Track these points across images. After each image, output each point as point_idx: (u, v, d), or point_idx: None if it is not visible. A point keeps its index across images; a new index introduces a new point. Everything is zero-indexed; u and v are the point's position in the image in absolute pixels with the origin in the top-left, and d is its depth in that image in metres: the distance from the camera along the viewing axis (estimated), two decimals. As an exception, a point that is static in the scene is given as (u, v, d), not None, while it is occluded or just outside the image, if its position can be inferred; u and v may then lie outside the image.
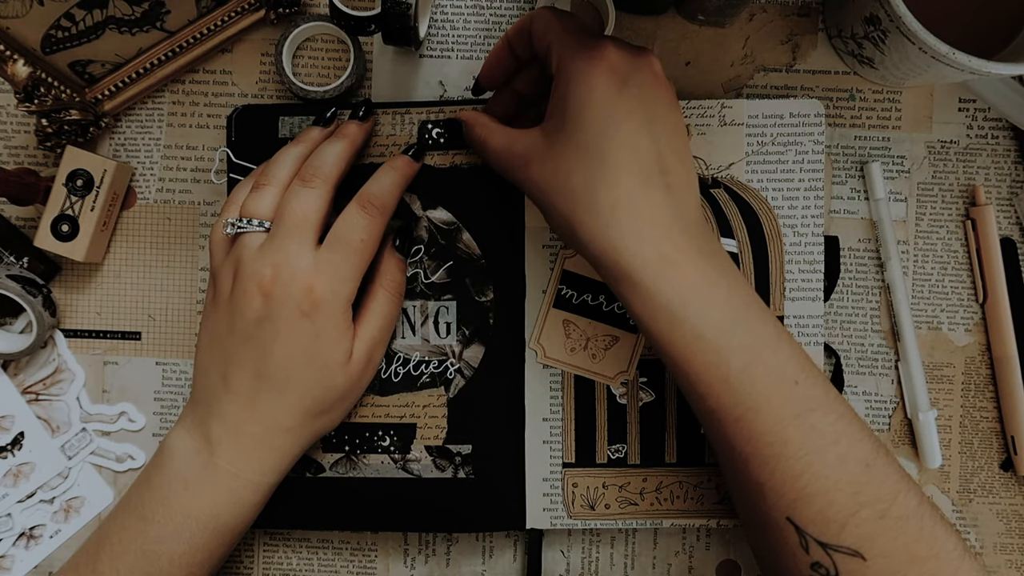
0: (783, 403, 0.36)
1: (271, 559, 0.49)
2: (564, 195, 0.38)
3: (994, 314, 0.48)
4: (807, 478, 0.35)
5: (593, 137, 0.38)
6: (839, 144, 0.49)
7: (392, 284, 0.45)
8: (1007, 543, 0.49)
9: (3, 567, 0.49)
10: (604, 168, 0.37)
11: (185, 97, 0.50)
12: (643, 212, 0.37)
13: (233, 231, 0.42)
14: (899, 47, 0.41)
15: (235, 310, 0.41)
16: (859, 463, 0.35)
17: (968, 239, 0.49)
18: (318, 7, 0.50)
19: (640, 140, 0.37)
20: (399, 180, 0.45)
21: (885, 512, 0.35)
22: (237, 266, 0.42)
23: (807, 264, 0.46)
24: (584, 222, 0.38)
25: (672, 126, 0.39)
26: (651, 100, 0.38)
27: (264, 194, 0.42)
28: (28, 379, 0.50)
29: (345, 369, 0.43)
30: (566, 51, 0.39)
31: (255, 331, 0.41)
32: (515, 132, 0.42)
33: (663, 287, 0.36)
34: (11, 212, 0.50)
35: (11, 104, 0.50)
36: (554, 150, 0.39)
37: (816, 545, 0.35)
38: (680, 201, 0.38)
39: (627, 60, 0.39)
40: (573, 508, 0.46)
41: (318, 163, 0.43)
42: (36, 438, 0.49)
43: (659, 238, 0.37)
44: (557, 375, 0.47)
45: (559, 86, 0.39)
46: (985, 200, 0.49)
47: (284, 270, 0.40)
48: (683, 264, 0.37)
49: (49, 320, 0.48)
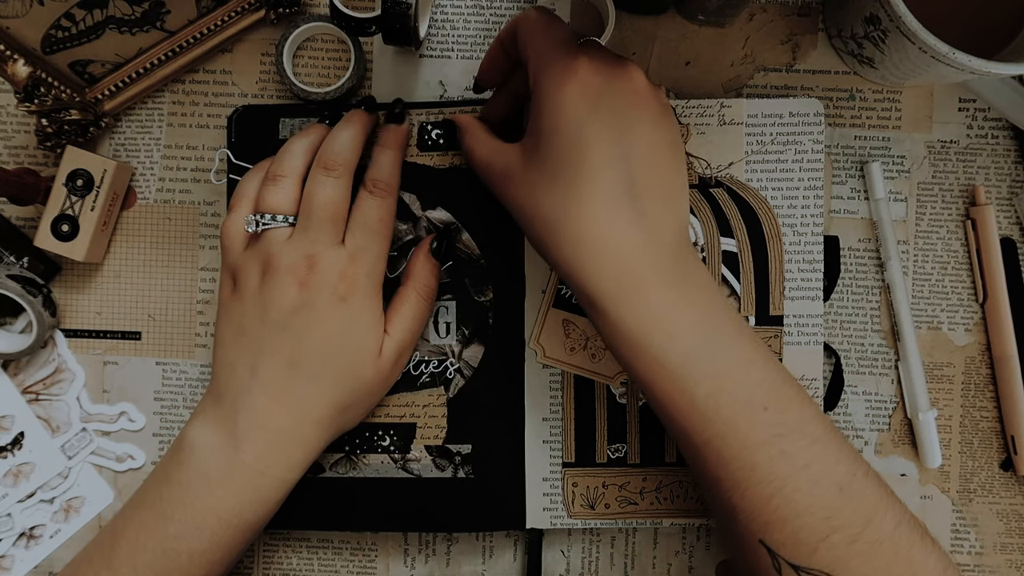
0: (750, 429, 0.35)
1: (271, 559, 0.49)
2: (537, 220, 0.38)
3: (994, 314, 0.48)
4: (778, 501, 0.35)
5: (563, 161, 0.37)
6: (839, 144, 0.49)
7: (424, 288, 0.45)
8: (1007, 543, 0.49)
9: (3, 567, 0.49)
10: (572, 196, 0.37)
11: (185, 97, 0.50)
12: (609, 240, 0.37)
13: (257, 228, 0.42)
14: (899, 47, 0.41)
15: (268, 301, 0.41)
16: (832, 487, 0.35)
17: (968, 239, 0.49)
18: (318, 7, 0.50)
19: (610, 164, 0.37)
20: (393, 157, 0.45)
21: (857, 536, 0.34)
22: (267, 260, 0.41)
23: (807, 264, 0.46)
24: (553, 248, 0.38)
25: (649, 145, 0.38)
26: (627, 119, 0.37)
27: (282, 186, 0.42)
28: (28, 379, 0.50)
29: (376, 362, 0.43)
30: (541, 64, 0.38)
31: (291, 319, 0.41)
32: (499, 145, 0.42)
33: (624, 315, 0.36)
34: (11, 212, 0.50)
35: (11, 104, 0.50)
36: (528, 171, 0.39)
37: (788, 567, 0.35)
38: (654, 224, 0.37)
39: (601, 76, 0.38)
40: (573, 508, 0.46)
41: (337, 149, 0.43)
42: (36, 438, 0.49)
43: (623, 266, 0.36)
44: (557, 375, 0.47)
45: (535, 102, 0.39)
46: (985, 200, 0.49)
47: (320, 260, 0.41)
48: (647, 291, 0.36)
49: (49, 320, 0.48)
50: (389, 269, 0.45)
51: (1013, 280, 0.48)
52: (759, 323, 0.46)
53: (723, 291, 0.46)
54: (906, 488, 0.49)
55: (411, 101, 0.48)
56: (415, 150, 0.47)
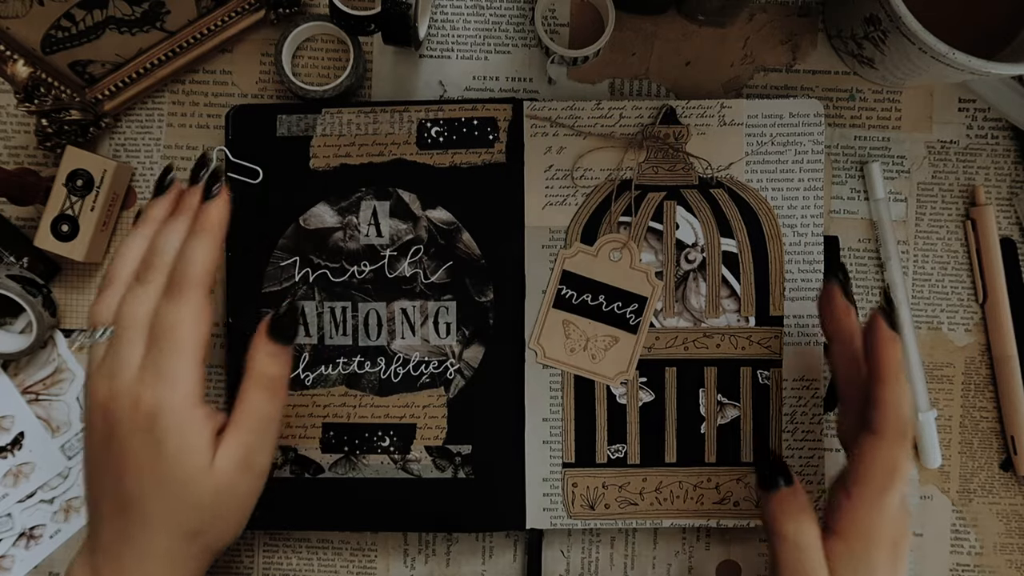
0: None
1: (271, 559, 0.49)
2: None
3: (994, 314, 0.48)
4: None
5: None
6: (839, 144, 0.49)
7: (262, 378, 0.39)
8: (1007, 543, 0.49)
9: (3, 567, 0.49)
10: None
11: (185, 97, 0.50)
12: None
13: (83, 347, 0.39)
14: (899, 47, 0.41)
15: (87, 432, 0.38)
16: None
17: (968, 239, 0.49)
18: (318, 7, 0.50)
19: None
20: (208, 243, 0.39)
21: None
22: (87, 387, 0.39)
23: (807, 264, 0.46)
24: None
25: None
26: None
27: (106, 297, 0.39)
28: (28, 379, 0.50)
29: (208, 479, 0.37)
30: None
31: (105, 455, 0.37)
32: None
33: None
34: (11, 212, 0.50)
35: (11, 104, 0.50)
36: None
37: None
38: None
39: None
40: (573, 508, 0.46)
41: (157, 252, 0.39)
42: (36, 438, 0.49)
43: None
44: (557, 375, 0.47)
45: None
46: (985, 200, 0.49)
47: (117, 383, 0.37)
48: None
49: (49, 320, 0.48)
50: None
51: (1013, 280, 0.48)
52: (759, 323, 0.46)
53: (723, 293, 0.46)
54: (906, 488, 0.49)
55: (410, 100, 0.48)
56: (415, 148, 0.47)
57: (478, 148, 0.47)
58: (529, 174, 0.47)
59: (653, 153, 0.47)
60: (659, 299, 0.46)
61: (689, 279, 0.47)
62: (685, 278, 0.47)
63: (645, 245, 0.47)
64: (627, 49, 0.49)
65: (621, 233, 0.47)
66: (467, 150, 0.47)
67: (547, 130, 0.47)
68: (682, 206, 0.47)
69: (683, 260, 0.47)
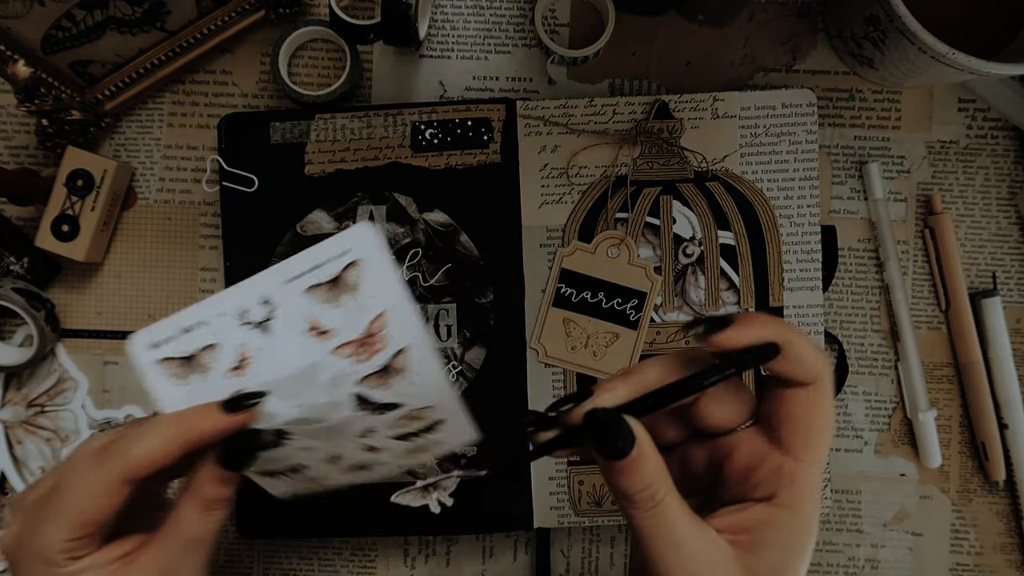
0: None
1: (271, 559, 0.49)
2: None
3: (957, 321, 0.48)
4: None
5: None
6: (838, 144, 0.49)
7: (200, 498, 0.33)
8: (1007, 543, 0.49)
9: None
10: None
11: (185, 97, 0.50)
12: None
13: None
14: (899, 47, 0.41)
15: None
16: None
17: (928, 247, 0.49)
18: (319, 7, 0.50)
19: None
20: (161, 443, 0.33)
21: None
22: None
23: (804, 254, 0.46)
24: None
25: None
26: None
27: None
28: (32, 392, 0.49)
29: None
30: None
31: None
32: None
33: None
34: (11, 212, 0.50)
35: (11, 104, 0.50)
36: None
37: None
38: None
39: None
40: (580, 505, 0.46)
41: None
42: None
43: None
44: (559, 374, 0.47)
45: None
46: (942, 208, 0.48)
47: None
48: None
49: (50, 335, 0.48)
50: None
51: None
52: (759, 323, 0.46)
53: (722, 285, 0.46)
54: (906, 488, 0.49)
55: (404, 103, 0.48)
56: (409, 151, 0.47)
57: (473, 149, 0.47)
58: (524, 173, 0.47)
59: (648, 148, 0.47)
60: (658, 294, 0.46)
61: (688, 273, 0.47)
62: (684, 272, 0.47)
63: (643, 240, 0.47)
64: (627, 49, 0.49)
65: (618, 229, 0.47)
66: (462, 151, 0.47)
67: (541, 129, 0.47)
68: (678, 200, 0.47)
69: (681, 254, 0.47)
